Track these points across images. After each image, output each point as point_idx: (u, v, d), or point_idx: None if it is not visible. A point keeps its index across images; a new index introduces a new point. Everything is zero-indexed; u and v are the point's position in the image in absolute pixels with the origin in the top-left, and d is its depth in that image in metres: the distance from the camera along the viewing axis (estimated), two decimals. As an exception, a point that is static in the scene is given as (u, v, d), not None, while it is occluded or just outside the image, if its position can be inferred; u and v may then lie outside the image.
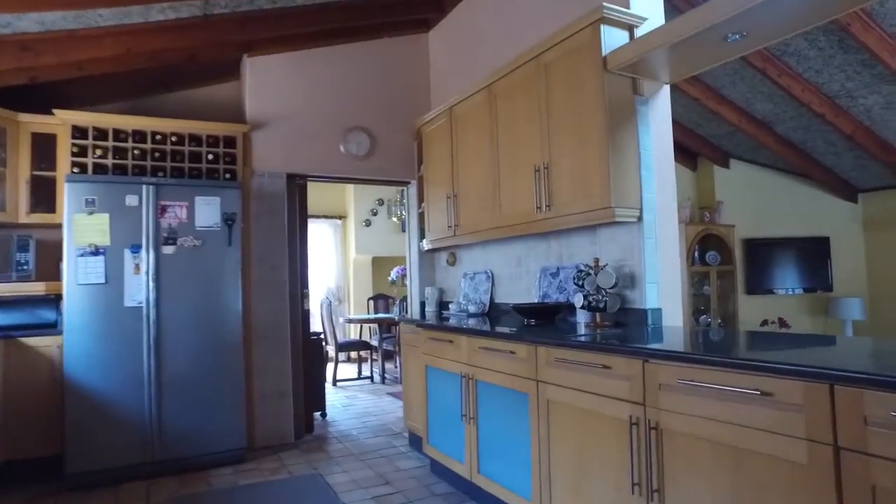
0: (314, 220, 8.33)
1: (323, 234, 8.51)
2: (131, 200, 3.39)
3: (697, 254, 6.07)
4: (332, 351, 6.68)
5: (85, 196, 3.31)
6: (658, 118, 2.71)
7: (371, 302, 7.87)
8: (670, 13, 3.04)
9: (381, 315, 7.33)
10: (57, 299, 3.50)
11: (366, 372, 7.11)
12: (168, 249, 3.50)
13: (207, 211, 3.63)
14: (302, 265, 4.42)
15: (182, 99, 4.41)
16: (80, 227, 3.29)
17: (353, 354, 8.04)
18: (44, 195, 3.64)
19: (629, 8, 2.66)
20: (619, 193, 2.51)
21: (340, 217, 8.67)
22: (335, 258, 8.55)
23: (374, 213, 8.54)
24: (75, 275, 3.27)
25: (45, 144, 3.65)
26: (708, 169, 6.50)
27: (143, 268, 3.42)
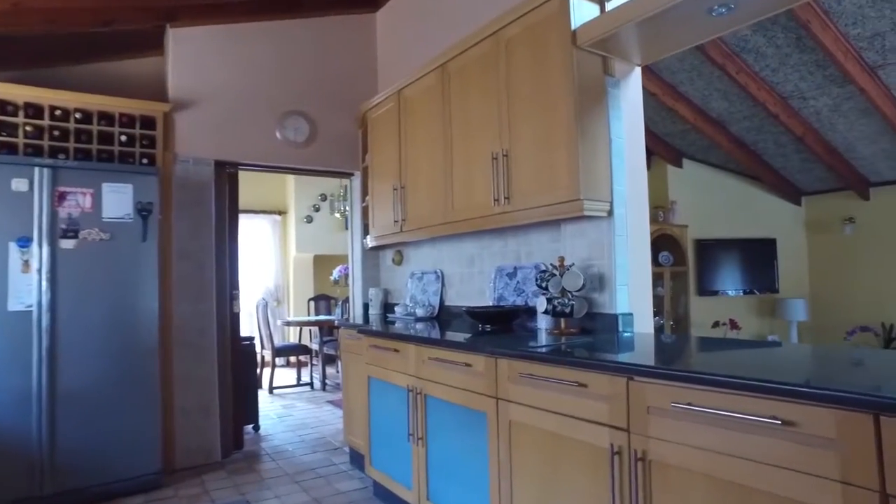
0: (251, 215, 7.78)
1: (261, 230, 7.97)
2: (19, 185, 2.87)
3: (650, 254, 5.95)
4: (268, 356, 6.20)
5: (-42, 178, 2.77)
6: (630, 103, 2.46)
7: (312, 303, 7.40)
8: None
9: (322, 317, 6.89)
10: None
11: (306, 378, 6.65)
12: (67, 244, 3.00)
13: (117, 200, 3.14)
14: (232, 263, 3.96)
15: (93, 72, 3.87)
16: (-46, 215, 2.75)
17: (293, 359, 7.55)
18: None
19: (600, -22, 2.40)
20: (589, 185, 2.24)
21: (280, 212, 8.14)
22: (274, 256, 8.03)
23: (317, 209, 8.07)
24: (-53, 272, 2.73)
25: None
26: (662, 168, 6.41)
27: (34, 265, 2.90)
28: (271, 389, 6.09)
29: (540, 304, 2.37)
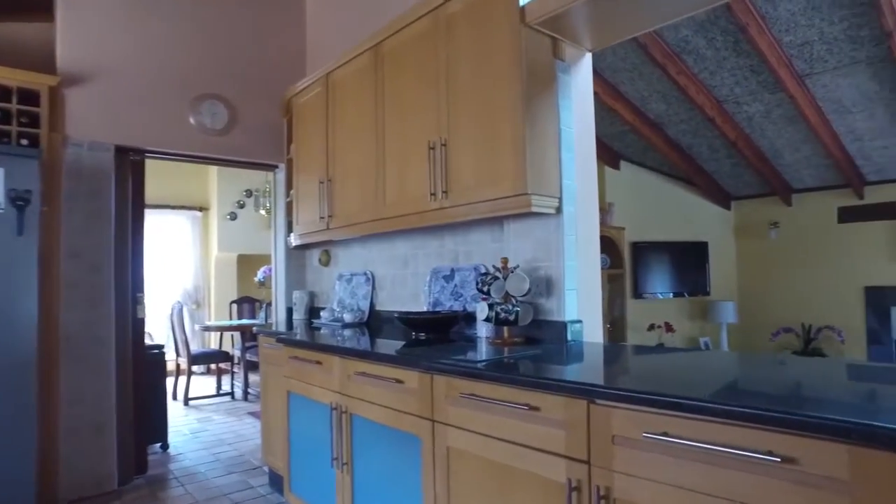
0: (168, 210, 7.18)
1: (179, 227, 7.37)
2: None
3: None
4: (184, 364, 5.67)
5: None
6: (580, 91, 2.26)
7: (234, 306, 6.89)
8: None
9: (245, 321, 6.40)
10: None
11: (227, 387, 6.15)
12: (-82, 237, 2.49)
13: (-15, 186, 2.65)
14: (136, 263, 3.50)
15: (-36, 39, 3.31)
16: None
17: (214, 367, 7.00)
18: None
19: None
20: (536, 178, 2.01)
21: (201, 208, 7.56)
22: (194, 256, 7.43)
23: (241, 206, 7.55)
24: None
25: None
26: (600, 169, 6.33)
27: None
28: (186, 401, 5.57)
29: (481, 310, 2.13)
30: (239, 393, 5.89)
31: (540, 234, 2.19)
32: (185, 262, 7.36)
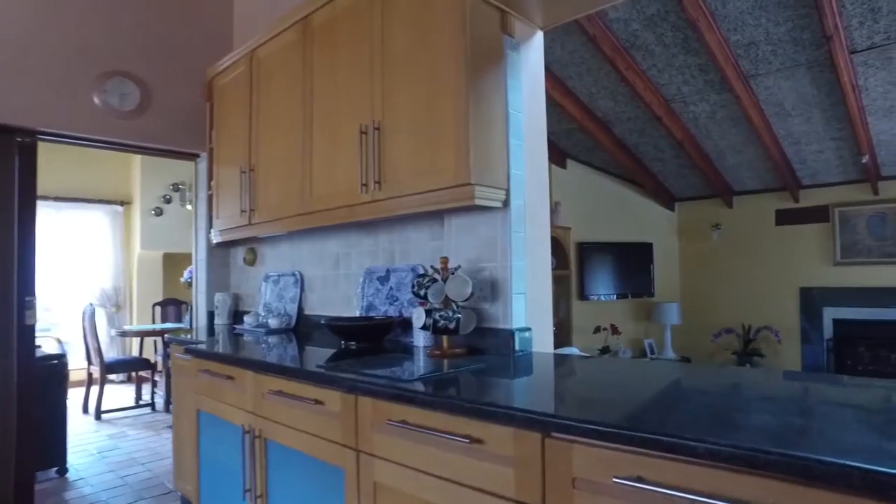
0: (83, 204, 6.56)
1: (96, 222, 6.74)
2: None
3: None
4: (97, 373, 5.13)
5: None
6: (531, 73, 2.03)
7: (158, 308, 6.35)
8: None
9: (169, 325, 5.90)
10: None
11: (148, 397, 5.63)
12: None
13: None
14: (24, 263, 3.03)
15: None
16: None
17: (136, 375, 6.43)
18: None
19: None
20: (481, 167, 1.76)
21: (122, 202, 6.96)
22: (113, 254, 6.83)
23: (168, 200, 7.00)
24: None
25: None
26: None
27: None
28: (98, 415, 5.04)
29: (417, 316, 1.86)
30: (161, 404, 5.40)
31: (485, 231, 1.95)
32: (104, 262, 6.75)
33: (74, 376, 5.72)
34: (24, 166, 3.04)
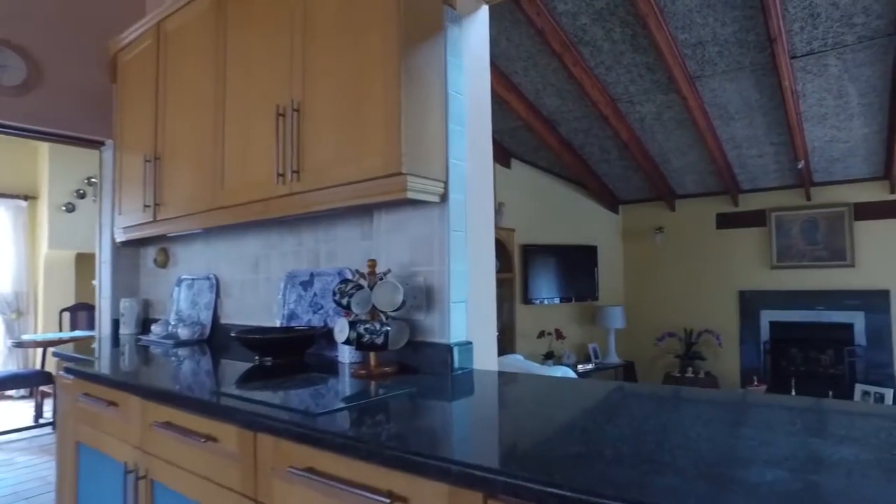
0: (-22, 198, 5.87)
1: (-6, 218, 6.07)
2: None
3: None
4: (-11, 388, 4.55)
5: None
6: (474, 50, 1.78)
7: (67, 315, 5.75)
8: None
9: (78, 333, 5.33)
10: None
11: (50, 415, 5.05)
12: None
13: None
14: None
15: None
16: None
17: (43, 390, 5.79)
18: None
19: None
20: (415, 154, 1.50)
21: (27, 197, 6.29)
22: (15, 254, 6.15)
23: (81, 195, 6.38)
24: None
25: None
26: (490, 168, 6.03)
27: None
28: (-13, 436, 4.46)
29: (339, 329, 1.58)
30: (65, 421, 4.84)
31: (419, 230, 1.68)
32: (3, 263, 6.07)
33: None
34: None
